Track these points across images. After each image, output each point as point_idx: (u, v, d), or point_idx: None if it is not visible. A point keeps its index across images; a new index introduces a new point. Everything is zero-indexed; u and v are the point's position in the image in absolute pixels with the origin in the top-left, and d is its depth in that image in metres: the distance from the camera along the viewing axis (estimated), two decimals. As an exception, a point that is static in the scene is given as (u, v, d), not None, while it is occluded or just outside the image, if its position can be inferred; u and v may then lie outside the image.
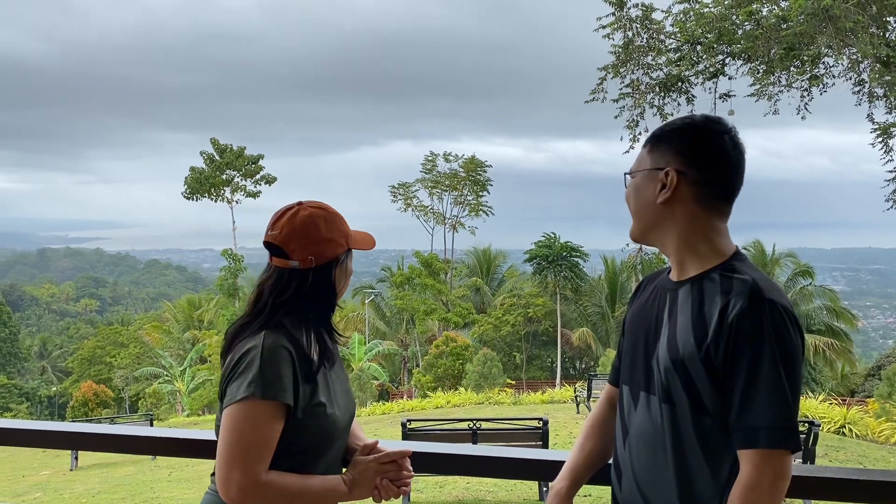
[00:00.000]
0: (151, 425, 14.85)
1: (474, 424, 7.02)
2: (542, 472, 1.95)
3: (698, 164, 1.53)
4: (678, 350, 1.48)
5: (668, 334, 1.52)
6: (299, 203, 1.73)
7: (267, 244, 1.71)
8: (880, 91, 8.96)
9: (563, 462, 1.76)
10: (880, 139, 9.55)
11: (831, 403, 15.01)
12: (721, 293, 1.47)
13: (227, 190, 34.36)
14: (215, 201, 34.43)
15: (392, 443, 1.79)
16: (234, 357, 1.60)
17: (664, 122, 1.66)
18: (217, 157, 33.75)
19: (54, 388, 52.19)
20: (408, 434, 6.91)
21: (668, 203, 1.54)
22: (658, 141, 1.59)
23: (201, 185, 33.72)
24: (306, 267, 1.67)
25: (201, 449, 1.84)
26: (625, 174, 1.65)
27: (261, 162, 34.55)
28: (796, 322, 1.44)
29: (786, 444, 1.39)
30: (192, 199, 34.31)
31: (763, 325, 1.40)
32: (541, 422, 7.06)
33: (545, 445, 7.04)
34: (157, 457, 14.28)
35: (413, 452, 1.80)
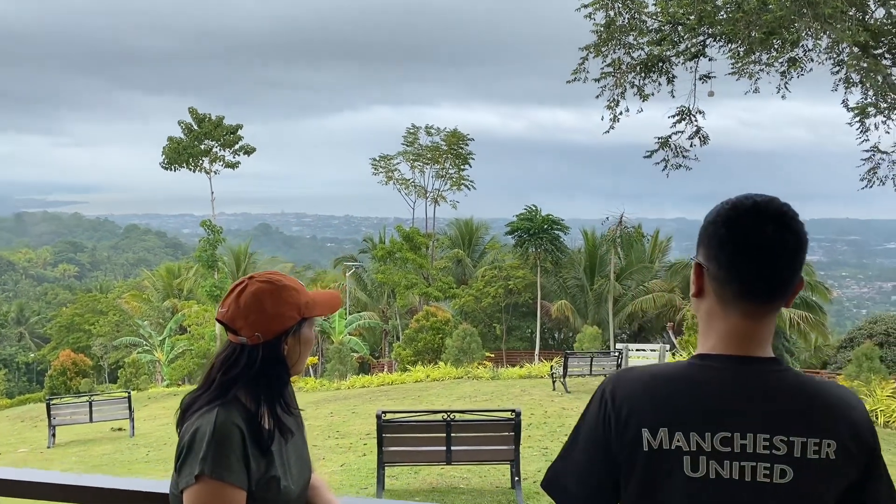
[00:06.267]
0: (129, 400, 14.86)
1: (448, 416, 7.06)
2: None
3: (716, 258, 1.36)
4: None
5: None
6: (249, 277, 1.72)
7: (219, 321, 1.70)
8: (856, 77, 8.96)
9: None
10: (857, 119, 9.58)
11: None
12: None
13: (206, 160, 33.88)
14: (194, 171, 33.96)
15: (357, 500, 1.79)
16: (185, 433, 1.60)
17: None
18: (195, 127, 33.21)
19: (32, 355, 51.90)
20: (383, 426, 6.94)
21: (697, 296, 1.42)
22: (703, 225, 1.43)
23: (179, 155, 33.17)
24: (255, 343, 1.66)
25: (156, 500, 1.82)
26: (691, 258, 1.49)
27: (240, 132, 34.03)
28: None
29: None
30: (171, 170, 33.84)
31: None
32: (513, 413, 7.12)
33: (517, 437, 7.12)
34: (136, 435, 14.31)
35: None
